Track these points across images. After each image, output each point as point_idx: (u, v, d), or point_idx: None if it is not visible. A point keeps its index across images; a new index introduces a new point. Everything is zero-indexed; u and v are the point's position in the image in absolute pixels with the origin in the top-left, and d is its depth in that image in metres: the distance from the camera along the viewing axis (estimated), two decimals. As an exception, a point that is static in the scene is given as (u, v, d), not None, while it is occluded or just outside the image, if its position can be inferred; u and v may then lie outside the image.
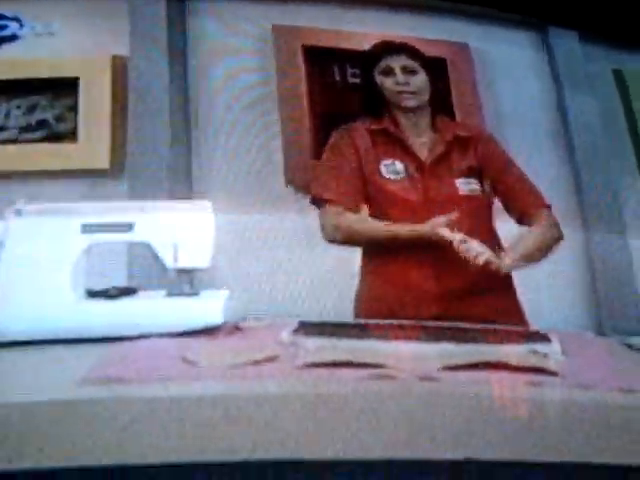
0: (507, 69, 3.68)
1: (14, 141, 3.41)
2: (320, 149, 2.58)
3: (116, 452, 1.19)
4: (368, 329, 1.81)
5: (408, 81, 2.33)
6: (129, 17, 3.42)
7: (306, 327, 1.66)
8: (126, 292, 1.82)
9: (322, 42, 3.51)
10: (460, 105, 3.54)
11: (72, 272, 1.75)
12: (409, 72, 2.34)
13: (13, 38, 3.48)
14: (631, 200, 3.55)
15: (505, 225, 2.41)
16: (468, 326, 1.87)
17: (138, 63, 3.34)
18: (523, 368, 1.41)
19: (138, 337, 1.60)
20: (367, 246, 2.36)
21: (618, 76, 3.73)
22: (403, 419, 1.25)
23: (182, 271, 1.81)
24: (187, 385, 1.31)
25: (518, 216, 2.37)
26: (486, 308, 2.21)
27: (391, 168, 2.31)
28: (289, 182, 3.32)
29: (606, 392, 1.34)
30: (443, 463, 1.25)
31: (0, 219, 1.72)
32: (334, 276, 2.79)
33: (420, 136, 2.37)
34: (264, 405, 1.24)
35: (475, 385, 1.34)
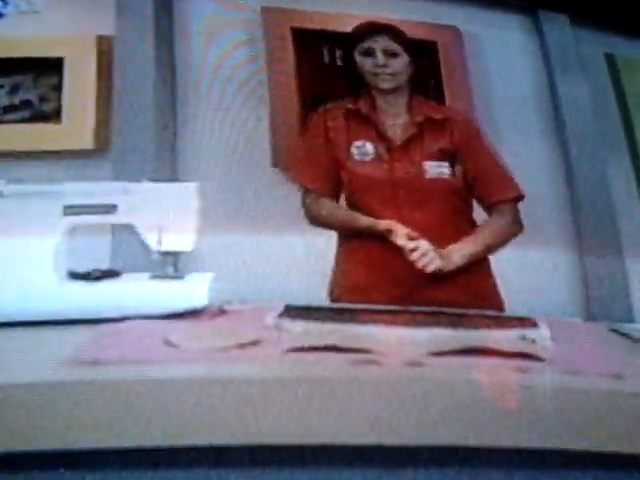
0: (498, 53, 3.66)
1: (-3, 121, 3.38)
2: (308, 132, 2.59)
3: (99, 434, 1.18)
4: (355, 314, 1.80)
5: (387, 63, 2.33)
6: (115, -5, 3.38)
7: (292, 311, 1.65)
8: (109, 274, 1.81)
9: (311, 24, 3.48)
10: (451, 88, 3.53)
11: (54, 254, 1.75)
12: (390, 54, 2.34)
13: (-3, 16, 3.44)
14: (621, 183, 3.55)
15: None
16: (456, 311, 1.86)
17: (124, 43, 3.31)
18: (511, 354, 1.41)
19: (122, 319, 1.58)
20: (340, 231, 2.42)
21: (610, 60, 3.71)
22: (389, 404, 1.24)
23: (166, 254, 1.80)
24: (171, 368, 1.30)
25: (484, 205, 2.39)
26: (458, 289, 2.25)
27: (362, 149, 2.34)
28: (276, 164, 3.31)
29: (594, 378, 1.34)
30: (430, 449, 1.24)
31: (-18, 200, 1.71)
32: (321, 259, 2.78)
33: (395, 117, 2.38)
34: (248, 388, 1.23)
35: (462, 371, 1.33)
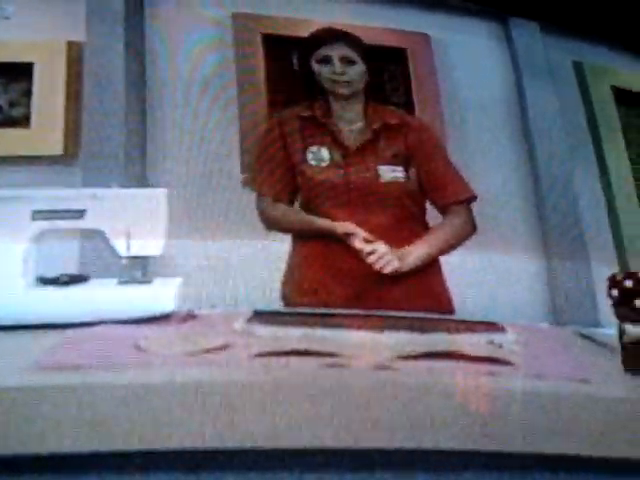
0: (468, 60, 3.69)
1: (-35, 126, 3.36)
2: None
3: (68, 439, 1.18)
4: (323, 318, 1.80)
5: (345, 71, 2.34)
6: (86, 1, 3.37)
7: (260, 316, 1.66)
8: (77, 279, 1.81)
9: (281, 30, 3.49)
10: (420, 95, 3.55)
11: (23, 259, 1.74)
12: (347, 62, 2.35)
13: (-33, 21, 3.43)
14: (587, 188, 3.58)
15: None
16: (424, 316, 1.88)
17: (94, 49, 3.30)
18: (478, 358, 1.42)
19: (90, 324, 1.58)
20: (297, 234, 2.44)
21: (578, 67, 3.75)
22: (357, 408, 1.24)
23: (134, 258, 1.80)
24: (139, 372, 1.30)
25: (438, 207, 2.41)
26: (409, 288, 2.27)
27: (317, 155, 2.35)
28: (245, 170, 3.31)
29: (560, 382, 1.35)
30: (399, 452, 1.25)
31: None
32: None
33: (351, 123, 2.39)
34: (216, 393, 1.23)
35: (431, 374, 1.34)
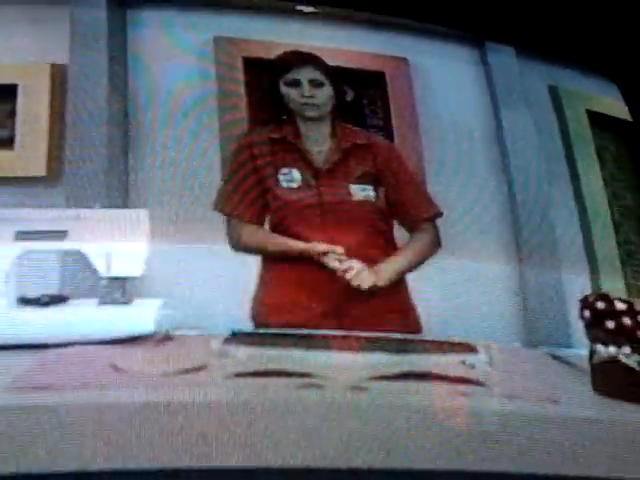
0: (445, 84, 3.70)
1: (-51, 148, 3.36)
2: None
3: (43, 459, 1.19)
4: (300, 339, 1.82)
5: (314, 94, 2.39)
6: (70, 24, 3.39)
7: (237, 337, 1.67)
8: (58, 300, 1.82)
9: (263, 54, 3.51)
10: (398, 118, 3.56)
11: (4, 279, 1.74)
12: (316, 85, 2.39)
13: (-49, 43, 3.43)
14: (563, 213, 3.60)
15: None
16: (398, 337, 1.89)
17: (77, 71, 3.31)
18: (451, 378, 1.43)
19: (68, 344, 1.59)
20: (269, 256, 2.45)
21: (553, 92, 3.79)
22: (331, 428, 1.26)
23: (115, 279, 1.81)
24: (116, 392, 1.31)
25: (405, 224, 2.48)
26: (381, 303, 2.31)
27: (288, 176, 2.39)
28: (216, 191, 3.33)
29: (532, 402, 1.37)
30: (373, 471, 1.27)
31: None
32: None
33: (320, 144, 2.44)
34: (193, 413, 1.24)
35: (404, 395, 1.36)
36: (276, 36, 3.46)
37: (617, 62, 3.28)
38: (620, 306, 1.58)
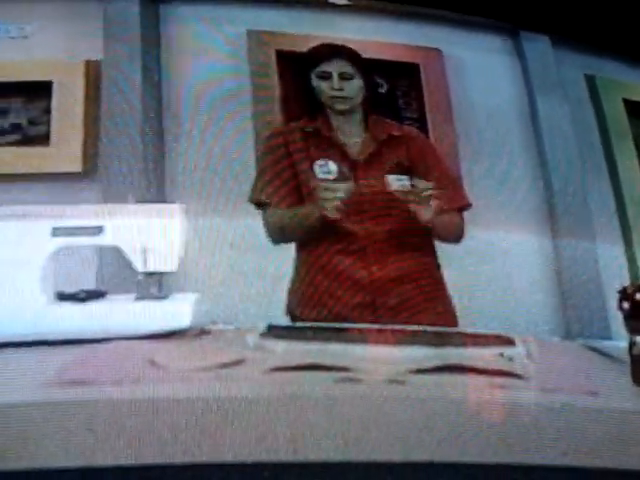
0: (480, 74, 3.69)
1: (-13, 145, 3.39)
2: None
3: (83, 454, 1.19)
4: (337, 332, 1.81)
5: (343, 87, 2.38)
6: (103, 21, 3.41)
7: (274, 330, 1.67)
8: (95, 295, 1.82)
9: (296, 47, 3.50)
10: (433, 110, 3.56)
11: (42, 275, 1.75)
12: (345, 78, 2.38)
13: (-13, 41, 3.46)
14: (600, 204, 3.58)
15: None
16: (436, 329, 1.88)
17: (111, 67, 3.34)
18: (489, 371, 1.42)
19: (106, 340, 1.60)
20: (300, 240, 2.43)
21: (590, 82, 3.76)
22: (370, 422, 1.25)
23: (151, 274, 1.81)
24: (154, 388, 1.31)
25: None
26: (411, 298, 2.31)
27: (325, 168, 2.37)
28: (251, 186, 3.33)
29: (571, 395, 1.35)
30: (411, 465, 1.26)
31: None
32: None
33: (352, 136, 2.42)
34: (231, 408, 1.24)
35: (442, 388, 1.35)
36: (309, 29, 3.46)
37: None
38: (660, 297, 1.56)
